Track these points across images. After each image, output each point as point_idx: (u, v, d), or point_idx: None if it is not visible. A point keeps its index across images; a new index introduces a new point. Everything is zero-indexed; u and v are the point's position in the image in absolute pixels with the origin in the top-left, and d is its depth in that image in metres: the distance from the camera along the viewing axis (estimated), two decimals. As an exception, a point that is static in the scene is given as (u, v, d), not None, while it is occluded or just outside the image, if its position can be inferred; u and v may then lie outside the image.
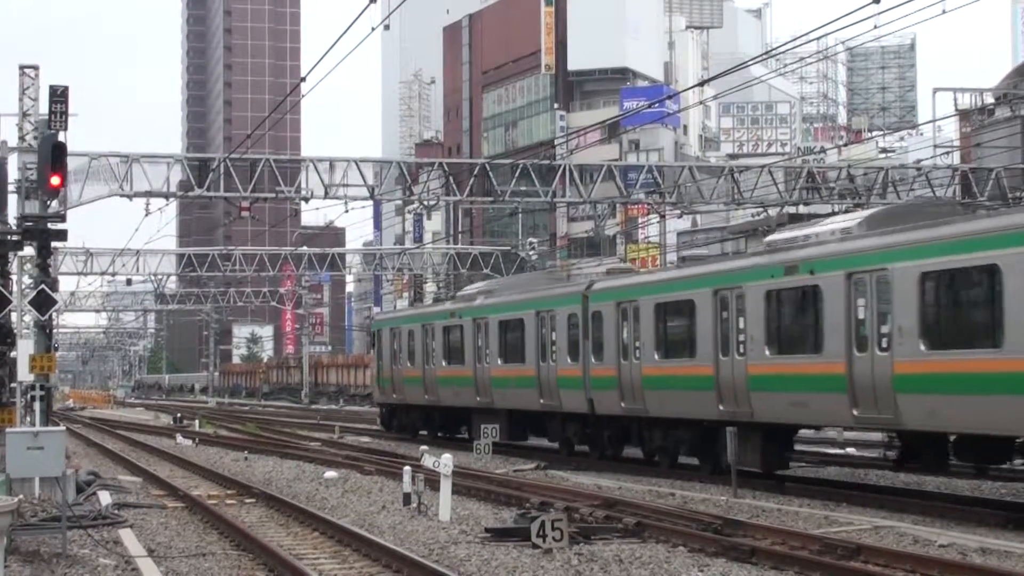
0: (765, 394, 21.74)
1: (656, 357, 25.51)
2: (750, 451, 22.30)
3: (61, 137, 25.80)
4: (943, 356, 17.58)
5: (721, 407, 22.97)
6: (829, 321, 20.08)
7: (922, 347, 17.89)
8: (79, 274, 63.08)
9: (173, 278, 75.39)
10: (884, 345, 18.66)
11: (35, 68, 28.31)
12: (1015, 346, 16.24)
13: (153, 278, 67.33)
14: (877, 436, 26.75)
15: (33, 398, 25.27)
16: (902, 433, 19.97)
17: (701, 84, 26.58)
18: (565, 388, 29.18)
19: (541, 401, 30.40)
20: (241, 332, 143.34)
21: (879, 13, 20.23)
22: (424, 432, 38.95)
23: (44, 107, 26.84)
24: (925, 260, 17.93)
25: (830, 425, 25.27)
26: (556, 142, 69.21)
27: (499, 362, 32.33)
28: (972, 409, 17.07)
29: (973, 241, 17.12)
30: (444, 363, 35.63)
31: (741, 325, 22.41)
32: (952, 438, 18.89)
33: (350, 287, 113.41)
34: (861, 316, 19.36)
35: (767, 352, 21.71)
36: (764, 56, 33.70)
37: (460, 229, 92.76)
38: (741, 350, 22.36)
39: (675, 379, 24.96)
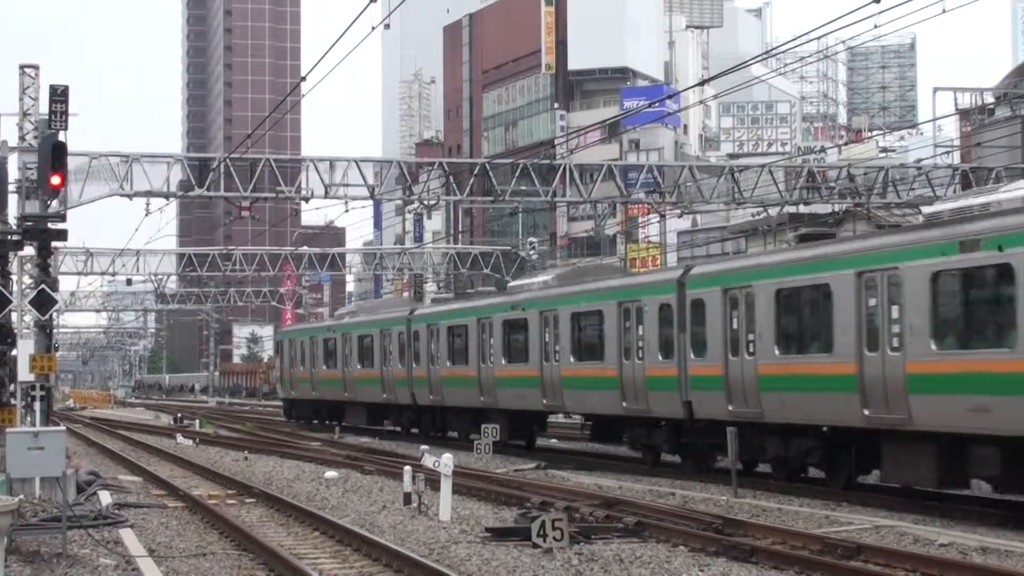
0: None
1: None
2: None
3: (61, 137, 25.80)
4: None
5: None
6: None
7: None
8: (79, 274, 63.06)
9: (173, 278, 75.36)
10: None
11: (35, 68, 28.30)
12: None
13: (153, 278, 67.30)
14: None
15: (33, 398, 25.26)
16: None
17: (701, 84, 26.55)
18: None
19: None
20: (241, 332, 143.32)
21: (879, 12, 20.23)
22: (315, 420, 50.30)
23: (44, 107, 26.83)
24: None
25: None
26: (556, 142, 69.16)
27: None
28: None
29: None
30: (324, 367, 47.12)
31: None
32: None
33: (350, 287, 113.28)
34: None
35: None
36: (764, 56, 33.71)
37: (460, 229, 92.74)
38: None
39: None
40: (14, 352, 27.20)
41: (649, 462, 26.86)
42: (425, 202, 40.80)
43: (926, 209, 22.15)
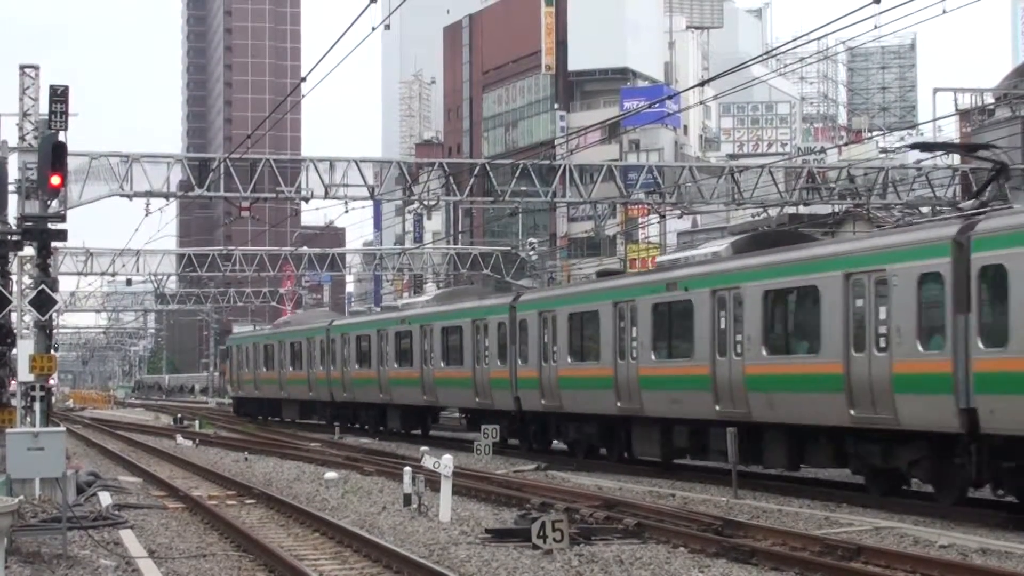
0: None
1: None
2: None
3: (61, 137, 25.79)
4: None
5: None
6: None
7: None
8: (79, 274, 63.04)
9: (173, 278, 75.32)
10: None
11: (35, 68, 28.31)
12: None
13: (153, 278, 67.27)
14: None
15: (34, 398, 25.26)
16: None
17: (701, 84, 26.56)
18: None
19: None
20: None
21: (879, 13, 20.24)
22: (259, 416, 57.20)
23: (44, 107, 26.83)
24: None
25: None
26: (556, 142, 69.14)
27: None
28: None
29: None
30: (264, 369, 54.80)
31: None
32: None
33: (350, 287, 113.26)
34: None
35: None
36: (764, 56, 33.66)
37: (460, 229, 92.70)
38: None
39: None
40: (14, 352, 27.20)
41: (499, 443, 32.36)
42: (425, 202, 40.83)
43: (658, 258, 29.10)
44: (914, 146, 33.09)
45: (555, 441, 32.19)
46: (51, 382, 65.06)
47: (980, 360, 17.47)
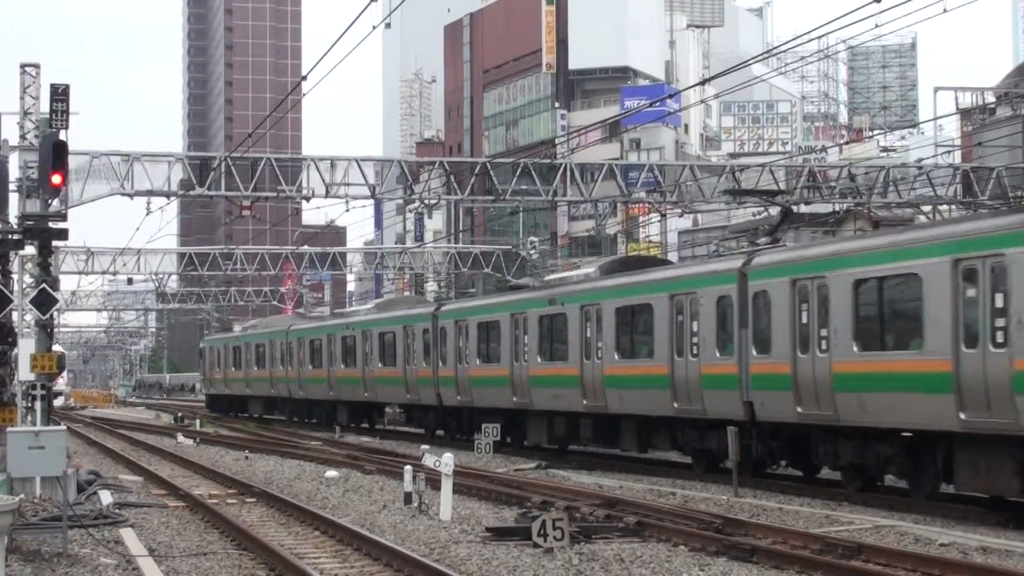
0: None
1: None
2: None
3: (62, 136, 25.76)
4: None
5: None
6: None
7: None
8: (80, 273, 62.97)
9: (174, 277, 75.27)
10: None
11: (36, 67, 28.25)
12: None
13: (154, 277, 67.21)
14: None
15: (35, 397, 25.25)
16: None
17: (702, 83, 26.56)
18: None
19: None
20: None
21: (880, 12, 20.20)
22: (230, 412, 61.65)
23: (45, 106, 26.78)
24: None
25: None
26: (557, 141, 69.15)
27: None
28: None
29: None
30: (232, 369, 60.04)
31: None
32: None
33: (351, 286, 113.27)
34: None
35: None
36: (765, 55, 33.77)
37: (461, 228, 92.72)
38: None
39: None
40: (15, 351, 27.17)
41: (428, 434, 39.02)
42: (426, 201, 40.81)
43: (546, 276, 32.24)
44: (726, 192, 37.02)
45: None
46: (60, 381, 65.35)
47: (754, 364, 22.28)
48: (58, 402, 70.51)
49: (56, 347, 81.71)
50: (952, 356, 17.70)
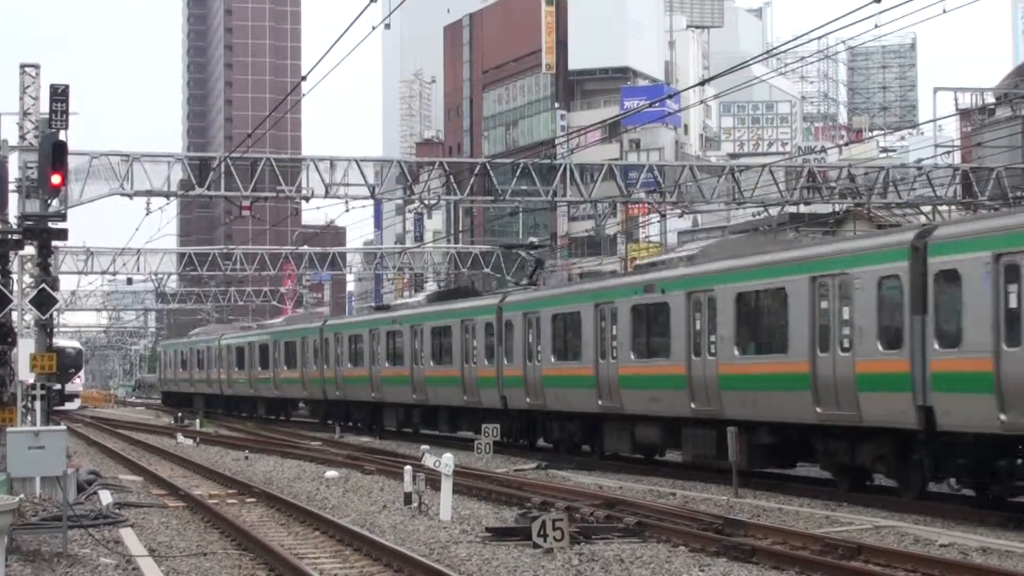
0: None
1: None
2: None
3: (62, 136, 25.77)
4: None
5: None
6: None
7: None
8: (80, 273, 62.97)
9: (174, 277, 75.27)
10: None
11: (36, 67, 28.25)
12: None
13: (154, 277, 67.20)
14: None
15: (34, 397, 25.25)
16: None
17: (702, 83, 26.58)
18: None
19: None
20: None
21: (880, 12, 20.21)
22: (188, 407, 66.49)
23: (45, 106, 26.79)
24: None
25: None
26: (557, 141, 69.14)
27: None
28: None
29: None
30: (180, 369, 70.48)
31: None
32: None
33: (351, 286, 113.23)
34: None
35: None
36: (765, 55, 33.77)
37: (461, 228, 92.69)
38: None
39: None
40: (15, 351, 27.15)
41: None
42: (425, 202, 40.82)
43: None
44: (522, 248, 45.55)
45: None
46: (76, 381, 65.34)
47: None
48: (73, 405, 69.32)
49: (72, 343, 79.57)
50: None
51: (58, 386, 61.32)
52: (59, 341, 69.87)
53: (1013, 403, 16.65)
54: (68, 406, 64.72)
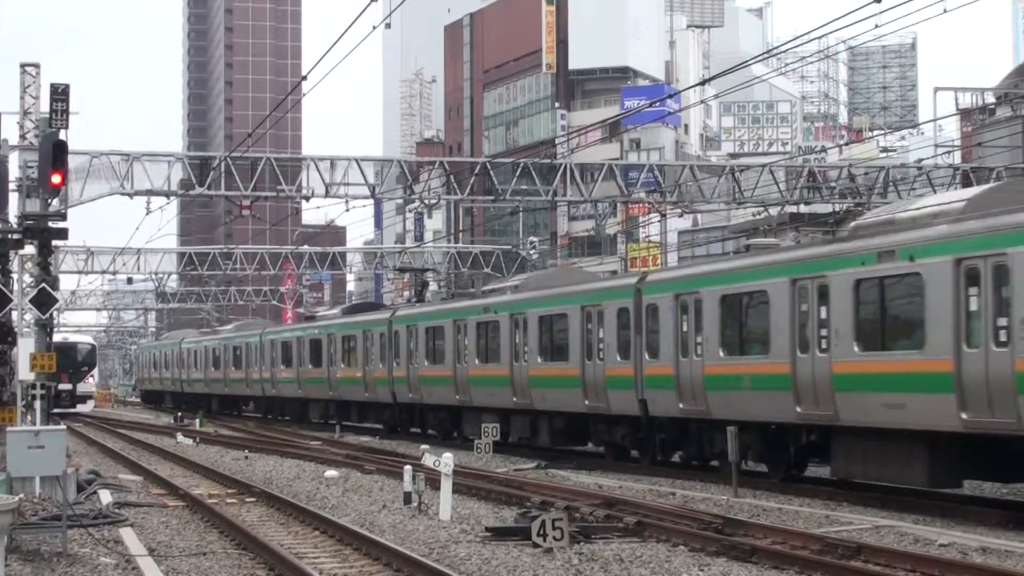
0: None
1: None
2: None
3: (62, 135, 25.81)
4: None
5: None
6: None
7: None
8: (80, 272, 63.03)
9: (174, 277, 75.40)
10: None
11: (36, 66, 28.29)
12: None
13: (154, 277, 67.31)
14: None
15: (34, 397, 25.25)
16: None
17: (702, 83, 26.59)
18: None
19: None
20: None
21: (880, 12, 20.23)
22: (159, 403, 76.76)
23: (45, 105, 26.83)
24: None
25: None
26: (557, 141, 69.19)
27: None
28: None
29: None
30: (152, 369, 77.83)
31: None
32: None
33: (351, 286, 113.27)
34: None
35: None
36: (765, 55, 33.75)
37: (461, 228, 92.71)
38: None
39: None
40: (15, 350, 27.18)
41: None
42: (426, 201, 40.85)
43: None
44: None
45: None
46: (89, 380, 63.60)
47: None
48: (86, 407, 64.33)
49: (84, 338, 77.70)
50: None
51: (68, 386, 60.61)
52: (71, 336, 69.27)
53: (685, 395, 24.10)
54: (80, 408, 62.45)
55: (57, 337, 61.90)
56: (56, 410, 53.58)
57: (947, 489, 19.44)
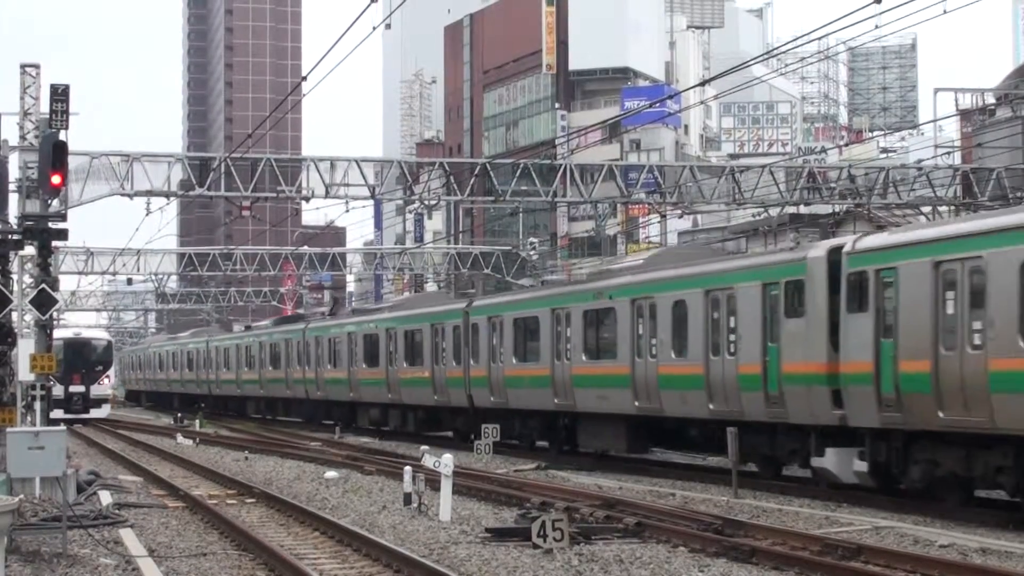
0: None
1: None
2: None
3: (62, 136, 25.77)
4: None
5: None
6: None
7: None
8: (80, 273, 62.90)
9: (174, 277, 75.22)
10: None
11: (36, 67, 28.25)
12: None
13: (154, 277, 67.16)
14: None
15: (34, 398, 25.24)
16: None
17: (702, 84, 26.57)
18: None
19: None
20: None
21: (880, 13, 20.22)
22: (148, 403, 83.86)
23: (45, 106, 26.78)
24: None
25: None
26: (557, 142, 69.11)
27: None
28: None
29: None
30: (138, 370, 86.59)
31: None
32: None
33: (351, 287, 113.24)
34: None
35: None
36: (765, 56, 33.72)
37: (461, 229, 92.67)
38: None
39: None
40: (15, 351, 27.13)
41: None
42: (426, 202, 40.81)
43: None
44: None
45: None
46: (105, 381, 61.93)
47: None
48: (101, 412, 57.85)
49: (100, 333, 76.81)
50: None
51: (80, 388, 57.93)
52: (85, 332, 67.79)
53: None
54: (95, 413, 56.64)
55: (69, 333, 61.43)
56: (67, 415, 51.71)
57: (636, 454, 28.50)
